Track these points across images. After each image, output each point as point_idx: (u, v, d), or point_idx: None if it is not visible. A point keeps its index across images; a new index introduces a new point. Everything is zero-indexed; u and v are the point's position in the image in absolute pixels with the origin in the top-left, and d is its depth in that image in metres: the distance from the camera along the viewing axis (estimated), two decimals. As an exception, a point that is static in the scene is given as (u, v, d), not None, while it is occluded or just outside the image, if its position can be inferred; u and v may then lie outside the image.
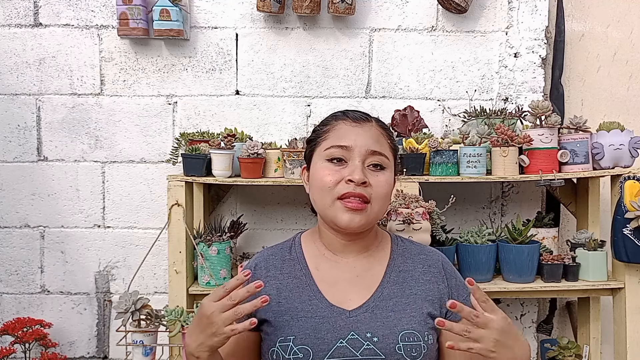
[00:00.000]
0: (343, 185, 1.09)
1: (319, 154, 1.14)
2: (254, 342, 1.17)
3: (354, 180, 1.07)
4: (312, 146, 1.18)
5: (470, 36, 2.07)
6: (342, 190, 1.08)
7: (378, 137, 1.14)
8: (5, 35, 2.03)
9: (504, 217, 2.12)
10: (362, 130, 1.13)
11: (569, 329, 2.16)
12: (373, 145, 1.11)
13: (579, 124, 1.79)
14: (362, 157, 1.10)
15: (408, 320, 1.09)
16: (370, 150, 1.11)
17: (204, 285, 1.79)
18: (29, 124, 2.05)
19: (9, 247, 2.08)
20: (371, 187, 1.09)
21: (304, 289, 1.14)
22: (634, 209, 1.64)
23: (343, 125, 1.14)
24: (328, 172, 1.11)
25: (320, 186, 1.11)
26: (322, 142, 1.14)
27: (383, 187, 1.11)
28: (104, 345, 2.10)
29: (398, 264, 1.18)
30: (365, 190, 1.09)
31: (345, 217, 1.09)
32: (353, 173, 1.08)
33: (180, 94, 2.06)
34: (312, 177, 1.16)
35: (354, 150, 1.10)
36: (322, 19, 2.05)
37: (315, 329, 1.08)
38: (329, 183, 1.09)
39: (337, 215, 1.09)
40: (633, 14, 2.19)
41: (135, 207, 2.08)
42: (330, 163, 1.11)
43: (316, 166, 1.14)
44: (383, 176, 1.12)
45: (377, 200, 1.11)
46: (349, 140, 1.11)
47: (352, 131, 1.12)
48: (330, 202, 1.10)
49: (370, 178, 1.10)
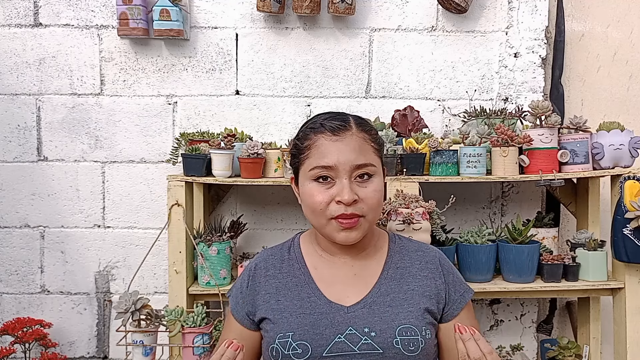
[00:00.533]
0: (334, 206, 1.08)
1: (304, 173, 1.14)
2: (257, 341, 1.18)
3: (343, 202, 1.07)
4: (296, 163, 1.17)
5: (470, 36, 2.07)
6: (335, 213, 1.08)
7: (361, 146, 1.11)
8: (5, 35, 2.03)
9: (504, 217, 2.12)
10: (343, 144, 1.10)
11: (569, 329, 2.17)
12: (357, 158, 1.09)
13: (579, 124, 1.78)
14: (347, 173, 1.09)
15: (405, 315, 1.10)
16: (355, 165, 1.09)
17: (204, 285, 1.79)
18: (29, 124, 2.05)
19: (9, 247, 2.08)
20: (362, 201, 1.09)
21: (302, 287, 1.15)
22: (634, 209, 1.64)
23: (323, 141, 1.11)
24: (317, 192, 1.10)
25: (311, 207, 1.11)
26: (305, 161, 1.13)
27: (373, 197, 1.11)
28: (104, 345, 2.10)
29: (395, 260, 1.19)
30: (357, 207, 1.09)
31: (341, 236, 1.10)
32: (342, 193, 1.07)
33: (180, 94, 2.06)
34: (302, 195, 1.16)
35: (339, 168, 1.09)
36: (322, 19, 2.05)
37: (314, 325, 1.09)
38: (320, 205, 1.09)
39: (334, 234, 1.11)
40: (633, 14, 2.19)
41: (135, 207, 2.08)
42: (317, 183, 1.11)
43: (304, 186, 1.13)
44: (372, 185, 1.11)
45: (369, 212, 1.11)
46: (332, 158, 1.09)
47: (333, 147, 1.09)
48: (325, 222, 1.11)
49: (359, 192, 1.09)
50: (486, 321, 2.14)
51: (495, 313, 2.14)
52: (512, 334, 2.14)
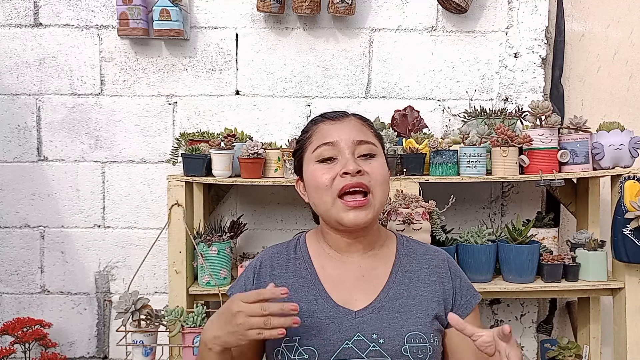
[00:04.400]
0: (339, 180, 1.08)
1: (308, 159, 1.15)
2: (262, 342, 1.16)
3: (349, 172, 1.07)
4: (300, 155, 1.18)
5: (470, 36, 2.07)
6: (340, 185, 1.08)
7: (360, 128, 1.15)
8: (5, 35, 2.03)
9: (504, 217, 2.12)
10: (342, 124, 1.14)
11: (569, 329, 2.16)
12: (357, 135, 1.12)
13: (579, 124, 1.79)
14: (350, 149, 1.10)
15: (414, 321, 1.09)
16: (357, 140, 1.11)
17: (204, 285, 1.79)
18: (29, 124, 2.05)
19: (9, 247, 2.08)
20: (368, 174, 1.09)
21: (309, 288, 1.13)
22: (634, 209, 1.64)
23: (323, 126, 1.15)
24: (321, 171, 1.11)
25: (316, 187, 1.11)
26: (308, 147, 1.15)
27: (379, 171, 1.11)
28: (104, 345, 2.10)
29: (404, 264, 1.17)
30: (363, 178, 1.08)
31: (350, 216, 1.08)
32: (346, 165, 1.08)
33: (180, 94, 2.06)
34: (307, 182, 1.15)
35: (341, 144, 1.11)
36: (322, 19, 2.05)
37: (321, 330, 1.07)
38: (325, 182, 1.09)
39: (341, 215, 1.09)
40: (633, 14, 2.19)
41: (135, 207, 2.08)
42: (321, 164, 1.11)
43: (308, 170, 1.14)
44: (376, 162, 1.12)
45: (377, 186, 1.10)
46: (333, 136, 1.12)
47: (334, 128, 1.14)
48: (331, 201, 1.09)
49: (364, 166, 1.10)
50: (486, 321, 2.13)
51: (495, 313, 2.14)
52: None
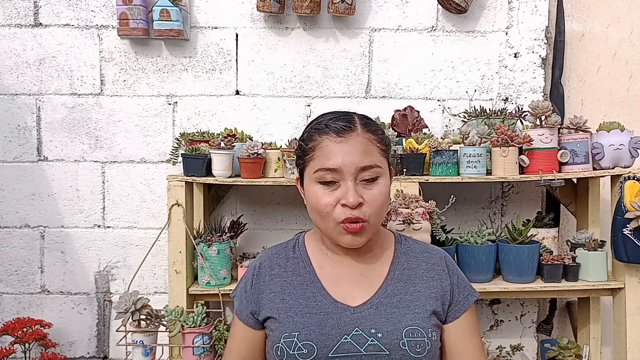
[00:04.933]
0: (340, 209, 1.08)
1: (309, 175, 1.13)
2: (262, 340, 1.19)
3: (348, 205, 1.06)
4: (301, 164, 1.16)
5: (470, 36, 2.07)
6: (341, 216, 1.07)
7: (366, 147, 1.09)
8: (5, 35, 2.03)
9: (504, 217, 2.12)
10: (348, 145, 1.08)
11: (569, 329, 2.16)
12: (362, 160, 1.08)
13: (579, 124, 1.79)
14: (352, 176, 1.08)
15: (412, 316, 1.10)
16: (360, 167, 1.08)
17: (204, 285, 1.79)
18: (29, 124, 2.05)
19: (9, 247, 2.08)
20: (367, 204, 1.08)
21: (308, 285, 1.15)
22: (634, 209, 1.64)
23: (327, 142, 1.09)
24: (322, 195, 1.09)
25: (317, 210, 1.10)
26: (310, 163, 1.12)
27: (378, 200, 1.10)
28: (104, 345, 2.10)
29: (402, 262, 1.19)
30: (361, 211, 1.07)
31: (346, 239, 1.10)
32: (347, 196, 1.06)
33: (180, 94, 2.06)
34: (307, 196, 1.15)
35: (343, 171, 1.07)
36: (322, 19, 2.05)
37: (320, 325, 1.09)
38: (326, 208, 1.08)
39: (339, 237, 1.10)
40: (633, 14, 2.19)
41: (135, 207, 2.08)
42: (322, 185, 1.10)
43: (309, 187, 1.13)
44: (377, 188, 1.10)
45: (373, 216, 1.10)
46: (336, 160, 1.07)
47: (338, 149, 1.08)
48: (333, 225, 1.09)
49: (364, 194, 1.08)
50: (486, 321, 2.13)
51: (495, 313, 2.14)
52: (512, 334, 2.14)
